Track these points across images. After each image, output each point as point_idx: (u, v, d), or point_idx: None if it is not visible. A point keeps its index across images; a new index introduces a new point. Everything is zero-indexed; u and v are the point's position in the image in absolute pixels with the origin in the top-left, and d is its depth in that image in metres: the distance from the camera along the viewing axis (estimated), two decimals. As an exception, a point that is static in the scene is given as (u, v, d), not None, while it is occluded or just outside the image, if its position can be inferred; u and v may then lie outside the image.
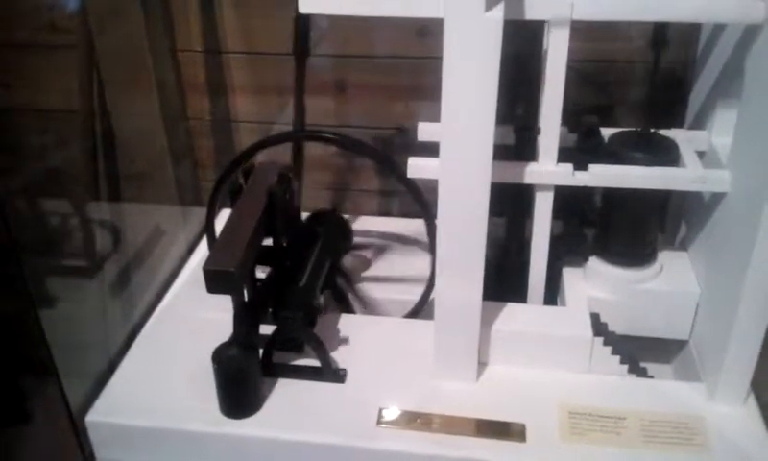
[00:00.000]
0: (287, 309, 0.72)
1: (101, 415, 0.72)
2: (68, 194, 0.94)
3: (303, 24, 0.81)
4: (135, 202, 1.03)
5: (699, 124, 0.80)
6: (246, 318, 0.70)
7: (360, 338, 0.79)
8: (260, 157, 0.83)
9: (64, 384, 0.72)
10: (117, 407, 0.73)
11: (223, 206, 0.93)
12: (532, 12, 0.63)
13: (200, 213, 1.05)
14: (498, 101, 0.60)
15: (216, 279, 0.63)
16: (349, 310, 0.87)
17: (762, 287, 0.64)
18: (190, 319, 0.83)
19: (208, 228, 0.85)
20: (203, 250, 0.98)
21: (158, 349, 0.80)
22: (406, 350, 0.77)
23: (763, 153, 0.62)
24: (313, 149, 0.97)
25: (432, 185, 0.66)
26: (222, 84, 1.06)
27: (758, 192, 0.62)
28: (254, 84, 1.05)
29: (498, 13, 0.57)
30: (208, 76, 1.06)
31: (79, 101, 0.99)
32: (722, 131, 0.74)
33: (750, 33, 0.66)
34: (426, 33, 0.92)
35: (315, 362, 0.74)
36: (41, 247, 0.86)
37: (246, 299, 0.71)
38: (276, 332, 0.73)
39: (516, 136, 0.77)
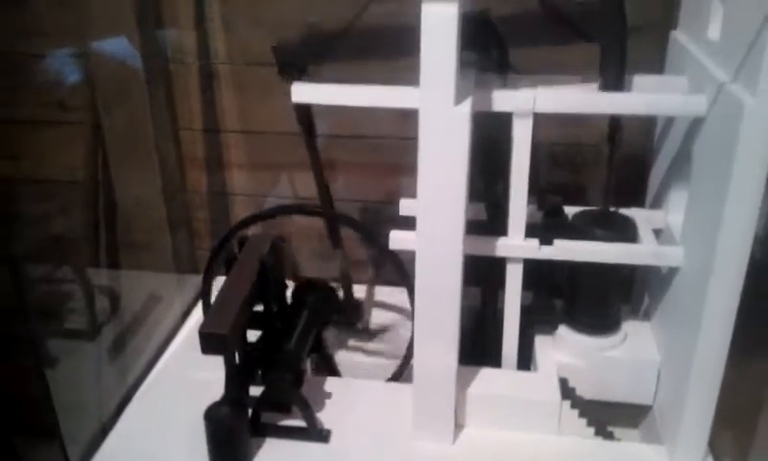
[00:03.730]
0: (275, 371, 0.77)
1: (97, 471, 0.76)
2: (70, 261, 0.99)
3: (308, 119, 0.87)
4: (134, 269, 1.08)
5: (657, 204, 0.87)
6: (237, 379, 0.75)
7: (344, 400, 0.83)
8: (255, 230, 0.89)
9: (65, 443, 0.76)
10: (113, 463, 0.77)
11: (217, 274, 0.98)
12: (498, 105, 0.71)
13: (195, 280, 1.10)
14: (472, 180, 0.67)
15: (210, 341, 0.69)
16: (335, 373, 0.92)
17: (712, 356, 0.69)
18: (185, 380, 0.87)
19: (204, 294, 0.90)
20: (197, 315, 1.03)
21: (154, 408, 0.84)
22: (388, 412, 0.82)
23: (708, 232, 0.68)
24: (303, 221, 1.04)
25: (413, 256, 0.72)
26: (219, 159, 1.13)
27: (705, 266, 0.68)
28: (250, 160, 1.12)
29: (466, 108, 0.65)
30: (207, 152, 1.13)
31: (84, 173, 1.05)
32: (676, 210, 0.80)
33: (695, 124, 0.73)
34: (410, 115, 0.99)
35: (301, 422, 0.79)
36: (44, 310, 0.91)
37: (237, 361, 0.76)
38: (264, 393, 0.78)
39: (488, 213, 0.83)
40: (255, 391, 0.79)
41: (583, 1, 0.77)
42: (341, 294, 0.95)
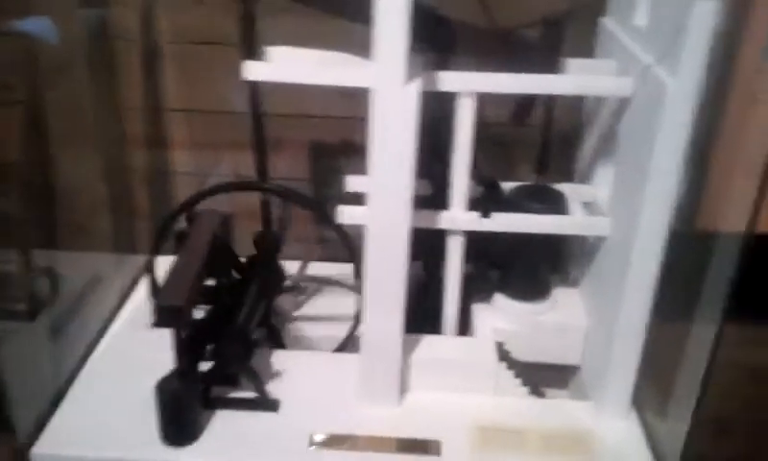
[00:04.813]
0: (225, 344, 0.79)
1: (46, 447, 0.76)
2: (8, 242, 0.97)
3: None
4: (75, 249, 1.07)
5: (585, 178, 0.93)
6: (188, 352, 0.76)
7: (292, 371, 0.86)
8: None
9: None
10: (62, 439, 0.77)
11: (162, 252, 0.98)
12: (443, 85, 0.75)
13: (135, 260, 1.10)
14: (418, 158, 0.70)
15: (166, 314, 0.70)
16: (282, 347, 0.94)
17: (634, 318, 0.76)
18: (130, 358, 0.88)
19: (150, 271, 0.90)
20: (139, 294, 1.03)
21: (100, 385, 0.85)
22: (334, 380, 0.85)
23: (633, 203, 0.74)
24: (250, 198, 1.05)
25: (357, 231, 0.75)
26: (162, 138, 1.12)
27: (630, 236, 0.74)
28: (192, 138, 1.12)
29: (416, 87, 0.68)
30: (149, 131, 1.12)
31: (21, 153, 1.03)
32: (603, 184, 0.86)
33: (622, 104, 0.79)
34: (348, 95, 1.02)
35: (251, 394, 0.81)
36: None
37: (185, 334, 0.77)
38: (214, 366, 0.80)
39: (433, 188, 0.87)
40: (204, 366, 0.80)
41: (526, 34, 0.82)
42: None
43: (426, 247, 0.90)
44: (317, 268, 1.08)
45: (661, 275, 0.74)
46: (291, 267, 1.07)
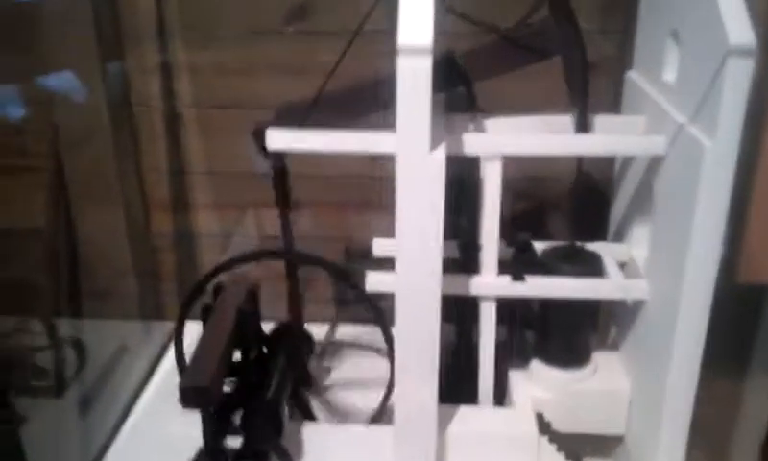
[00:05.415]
0: (255, 420, 0.76)
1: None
2: (33, 311, 0.97)
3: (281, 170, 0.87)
4: (100, 317, 1.06)
5: (619, 237, 0.90)
6: (216, 431, 0.74)
7: (324, 446, 0.82)
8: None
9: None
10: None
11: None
12: (468, 149, 0.73)
13: (162, 327, 1.09)
14: (445, 220, 0.68)
15: (192, 395, 0.67)
16: (313, 419, 0.91)
17: (683, 385, 0.72)
18: (160, 434, 0.86)
19: (177, 344, 0.89)
20: (166, 364, 1.02)
21: (130, 464, 0.83)
22: (368, 455, 0.81)
23: (673, 265, 0.71)
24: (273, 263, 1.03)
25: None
26: (185, 201, 1.12)
27: (672, 300, 0.71)
28: (216, 201, 1.12)
29: (441, 153, 0.66)
30: (172, 194, 1.12)
31: (46, 219, 1.03)
32: (639, 243, 0.84)
33: (655, 161, 0.77)
34: (376, 156, 1.01)
35: (282, 472, 0.78)
36: (8, 365, 0.88)
37: (213, 412, 0.75)
38: (244, 444, 0.77)
39: (461, 252, 0.85)
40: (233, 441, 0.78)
41: (532, 22, 0.79)
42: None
43: (458, 309, 0.88)
44: (346, 331, 1.06)
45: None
46: (318, 331, 1.05)
